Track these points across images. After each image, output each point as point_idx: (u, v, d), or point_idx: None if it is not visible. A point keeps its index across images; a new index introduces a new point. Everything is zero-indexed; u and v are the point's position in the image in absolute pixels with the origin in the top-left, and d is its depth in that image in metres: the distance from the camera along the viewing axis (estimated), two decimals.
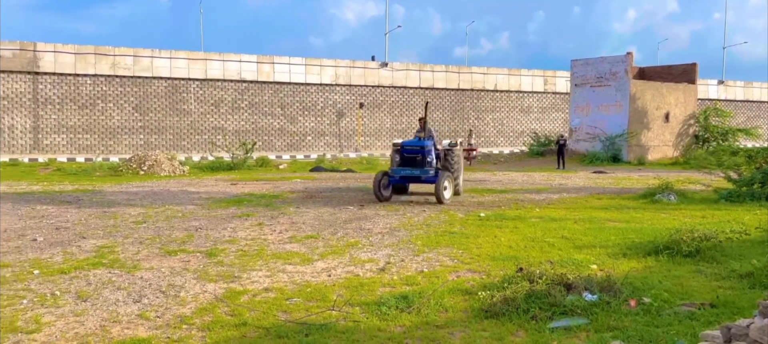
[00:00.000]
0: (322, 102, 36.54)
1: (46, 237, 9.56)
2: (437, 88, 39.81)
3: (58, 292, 6.22)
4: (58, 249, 8.51)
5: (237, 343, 4.74)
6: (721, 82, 47.09)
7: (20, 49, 30.01)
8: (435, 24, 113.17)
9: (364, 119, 37.73)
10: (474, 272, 7.05)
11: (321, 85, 36.41)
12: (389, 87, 38.34)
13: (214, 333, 4.98)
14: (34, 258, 7.90)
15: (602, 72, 31.94)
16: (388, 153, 36.67)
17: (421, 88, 39.23)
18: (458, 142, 15.61)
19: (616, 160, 29.58)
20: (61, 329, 5.14)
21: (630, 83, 30.83)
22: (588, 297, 5.56)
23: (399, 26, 70.58)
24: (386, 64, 38.43)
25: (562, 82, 42.23)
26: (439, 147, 14.89)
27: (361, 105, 37.53)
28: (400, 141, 14.91)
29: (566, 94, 39.84)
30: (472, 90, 40.92)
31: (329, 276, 6.94)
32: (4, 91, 29.83)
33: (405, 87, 38.82)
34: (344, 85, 37.02)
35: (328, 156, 33.36)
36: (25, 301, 5.92)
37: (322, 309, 5.55)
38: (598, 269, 7.02)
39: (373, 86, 37.78)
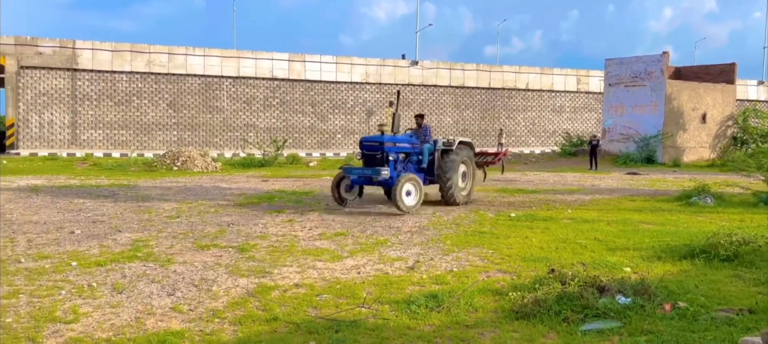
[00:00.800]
0: (352, 100, 36.67)
1: (84, 230, 9.80)
2: (468, 87, 39.59)
3: (94, 284, 6.37)
4: (94, 242, 8.72)
5: (268, 338, 4.79)
6: (761, 83, 45.77)
7: (60, 47, 30.82)
8: (466, 22, 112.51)
9: (393, 118, 37.75)
10: (504, 272, 7.00)
11: (351, 83, 36.55)
12: (419, 85, 38.27)
13: (246, 327, 5.04)
14: (72, 251, 8.11)
15: (637, 71, 31.34)
16: None
17: (452, 87, 39.06)
18: (456, 141, 13.10)
19: (650, 161, 28.99)
20: (98, 320, 5.27)
21: (666, 83, 30.19)
22: (621, 300, 5.46)
23: (430, 24, 70.31)
24: (416, 63, 38.37)
25: (595, 81, 41.58)
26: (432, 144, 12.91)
27: (391, 103, 37.53)
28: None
29: (599, 93, 39.21)
30: (503, 89, 40.58)
31: (358, 273, 6.96)
32: (44, 87, 30.66)
33: (435, 85, 38.70)
34: (374, 84, 37.09)
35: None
36: (63, 292, 6.08)
37: (351, 306, 5.58)
38: (631, 272, 6.90)
39: (402, 84, 37.75)
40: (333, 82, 36.10)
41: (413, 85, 38.06)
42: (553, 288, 5.65)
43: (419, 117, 13.91)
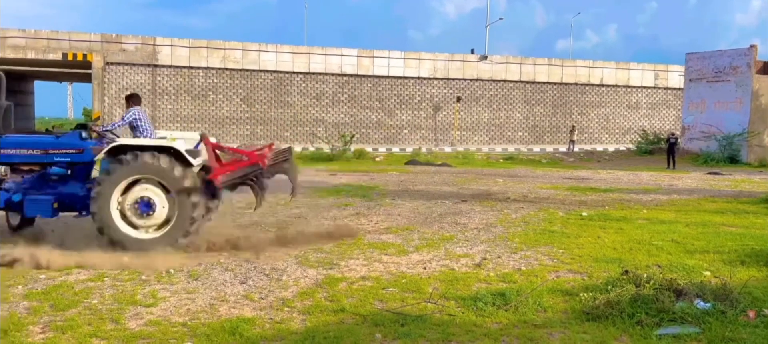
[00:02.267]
0: (419, 95, 36.63)
1: None
2: (539, 82, 38.71)
3: (172, 270, 6.67)
4: None
5: (335, 328, 4.86)
6: None
7: (142, 44, 32.39)
8: (538, 16, 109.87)
9: (461, 113, 37.42)
10: (575, 273, 6.81)
11: (418, 78, 36.51)
12: (488, 80, 37.76)
13: (314, 317, 5.15)
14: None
15: (721, 66, 29.69)
16: (485, 148, 36.25)
17: (522, 82, 38.32)
18: (199, 141, 8.30)
19: (733, 161, 27.44)
20: (175, 304, 5.51)
21: (753, 78, 28.45)
22: (700, 304, 5.21)
23: (500, 19, 69.12)
24: (485, 57, 37.86)
25: (674, 76, 39.73)
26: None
27: (459, 98, 37.26)
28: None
29: (679, 89, 37.44)
30: (576, 84, 39.43)
31: (424, 268, 6.96)
32: (127, 83, 32.33)
33: (504, 81, 38.07)
34: (442, 79, 36.90)
35: (424, 149, 33.41)
36: (143, 277, 6.40)
37: (417, 301, 5.58)
38: (712, 276, 6.56)
39: (471, 80, 37.37)
40: (400, 78, 36.18)
41: (482, 80, 37.60)
42: (627, 290, 5.45)
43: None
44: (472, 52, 38.13)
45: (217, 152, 8.24)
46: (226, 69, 33.47)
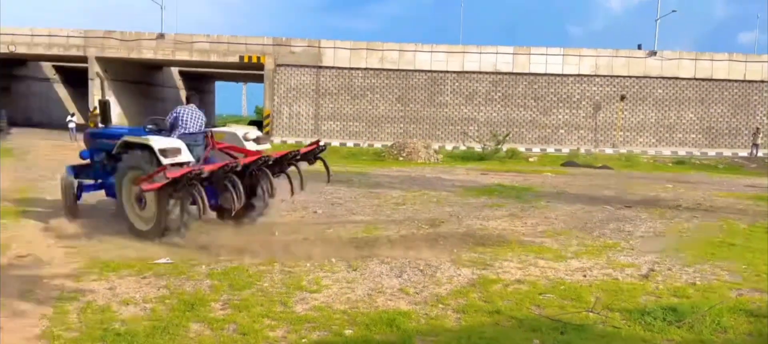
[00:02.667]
0: (578, 93, 34.95)
1: (325, 210, 10.88)
2: (716, 80, 35.07)
3: (333, 260, 7.03)
4: (333, 221, 9.62)
5: (491, 330, 4.81)
6: None
7: (308, 46, 34.53)
8: (716, 7, 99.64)
9: (625, 113, 35.07)
10: (761, 292, 6.08)
11: (578, 75, 34.82)
12: (657, 78, 34.96)
13: (469, 316, 5.13)
14: (314, 226, 9.06)
15: None
16: (652, 151, 33.60)
17: (696, 79, 34.97)
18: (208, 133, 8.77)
19: None
20: (336, 292, 5.80)
21: None
22: None
23: (673, 11, 63.32)
24: (655, 53, 35.09)
25: None
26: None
27: (623, 97, 34.93)
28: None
29: None
30: (762, 82, 35.13)
31: (584, 276, 6.63)
32: (294, 83, 34.65)
33: (675, 78, 35.00)
34: (604, 76, 34.84)
35: (582, 151, 31.83)
36: (308, 265, 6.82)
37: (577, 310, 5.33)
38: None
39: (637, 77, 34.86)
40: (558, 75, 34.77)
41: (650, 78, 34.91)
42: None
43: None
44: (639, 47, 35.51)
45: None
46: (384, 69, 34.53)
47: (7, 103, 38.99)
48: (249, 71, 42.92)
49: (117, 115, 37.84)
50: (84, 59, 35.50)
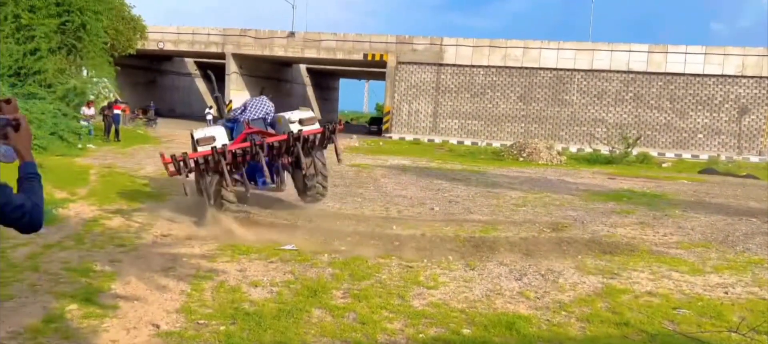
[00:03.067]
0: (720, 95, 32.11)
1: (441, 208, 10.86)
2: None
3: (451, 258, 6.99)
4: (450, 219, 9.57)
5: (618, 342, 4.54)
6: None
7: (430, 44, 34.65)
8: None
9: None
10: None
11: (721, 76, 31.98)
12: None
13: (594, 326, 4.87)
14: (430, 223, 9.07)
15: None
16: None
17: None
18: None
19: None
20: (453, 290, 5.76)
21: None
22: None
23: None
24: None
25: None
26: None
27: None
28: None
29: None
30: None
31: (726, 293, 6.06)
32: (414, 81, 34.94)
33: None
34: (752, 77, 31.72)
35: (723, 157, 29.22)
36: (425, 260, 6.84)
37: (718, 329, 4.89)
38: None
39: None
40: (699, 75, 32.15)
41: None
42: None
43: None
44: None
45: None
46: (506, 67, 33.84)
47: (154, 96, 42.86)
48: (372, 69, 43.88)
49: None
50: (222, 56, 38.12)
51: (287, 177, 9.71)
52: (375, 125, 40.34)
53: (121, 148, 19.99)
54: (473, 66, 34.15)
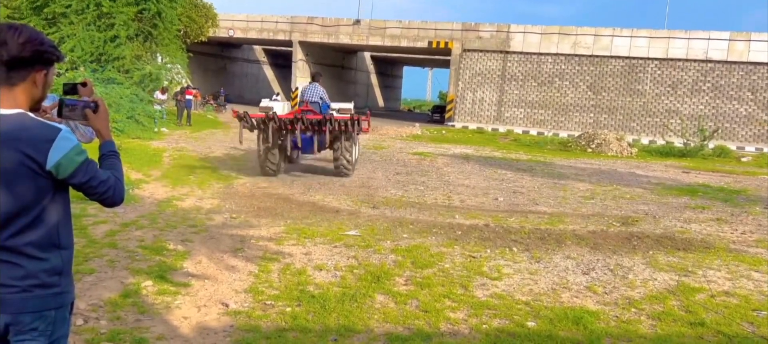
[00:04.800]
0: None
1: (506, 198, 10.69)
2: None
3: (515, 249, 6.88)
4: (514, 210, 9.41)
5: (692, 343, 4.34)
6: None
7: (496, 31, 34.04)
8: None
9: None
10: None
11: None
12: None
13: (666, 324, 4.68)
14: (493, 214, 8.94)
15: None
16: None
17: None
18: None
19: None
20: (518, 282, 5.66)
21: None
22: None
23: None
24: None
25: None
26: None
27: None
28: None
29: None
30: None
31: None
32: (479, 68, 34.45)
33: None
34: None
35: None
36: (488, 251, 6.75)
37: None
38: None
39: None
40: None
41: None
42: None
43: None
44: None
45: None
46: (575, 55, 32.84)
47: (224, 82, 44.14)
48: (436, 56, 43.59)
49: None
50: (289, 43, 38.82)
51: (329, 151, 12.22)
52: (437, 113, 40.10)
53: (192, 132, 20.73)
54: (541, 53, 33.32)
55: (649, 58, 31.86)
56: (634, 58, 32.03)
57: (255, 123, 11.13)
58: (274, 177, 11.48)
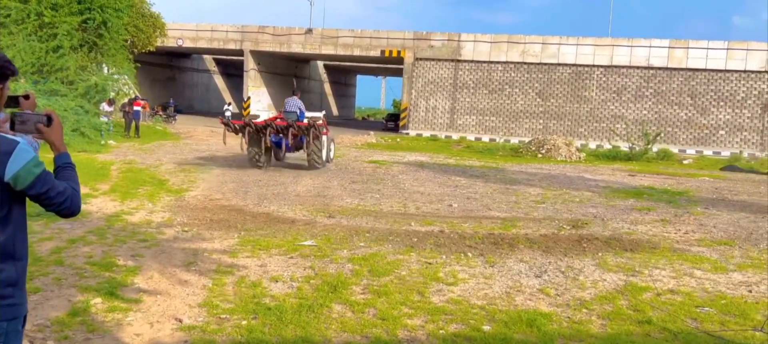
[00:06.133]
0: (743, 91, 31.62)
1: (460, 204, 10.83)
2: None
3: (470, 254, 6.97)
4: (469, 216, 9.54)
5: (640, 340, 4.50)
6: None
7: (447, 40, 34.52)
8: None
9: None
10: None
11: (744, 72, 31.50)
12: None
13: (616, 323, 4.84)
14: (448, 220, 9.05)
15: None
16: None
17: None
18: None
19: None
20: (473, 287, 5.75)
21: None
22: None
23: None
24: None
25: None
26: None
27: None
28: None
29: None
30: None
31: (749, 291, 5.98)
32: (431, 77, 34.85)
33: None
34: None
35: (746, 154, 28.78)
36: (443, 257, 6.83)
37: (742, 327, 4.83)
38: None
39: None
40: (720, 71, 31.70)
41: None
42: None
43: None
44: None
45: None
46: (524, 63, 33.62)
47: (174, 92, 43.26)
48: (389, 65, 43.86)
49: (266, 105, 40.50)
50: (240, 53, 38.37)
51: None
52: (392, 122, 40.32)
53: (141, 144, 20.22)
54: (491, 62, 33.97)
55: (594, 66, 32.90)
56: (580, 65, 33.01)
57: (237, 128, 14.38)
58: (263, 170, 14.23)
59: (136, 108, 22.91)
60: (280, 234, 7.71)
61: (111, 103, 21.30)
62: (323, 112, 18.04)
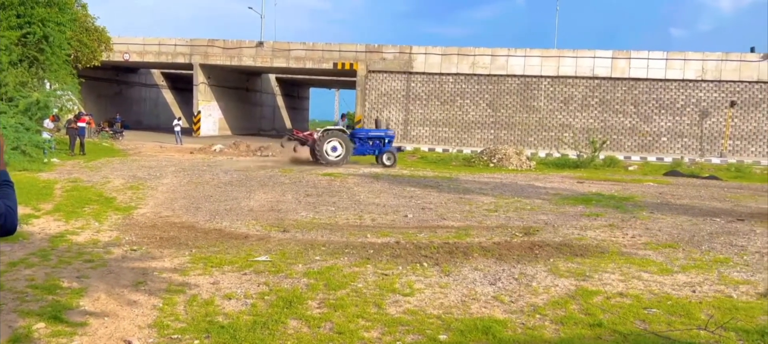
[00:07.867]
0: (682, 99, 32.99)
1: (415, 215, 10.88)
2: None
3: (425, 264, 7.01)
4: (424, 226, 9.60)
5: (592, 343, 4.60)
6: None
7: (399, 53, 34.80)
8: None
9: (735, 120, 32.71)
10: None
11: (683, 80, 32.87)
12: None
13: (568, 328, 4.94)
14: (404, 231, 9.08)
15: None
16: (765, 161, 31.15)
17: None
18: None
19: None
20: (429, 297, 5.77)
21: None
22: None
23: None
24: None
25: None
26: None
27: (732, 103, 32.61)
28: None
29: None
30: None
31: (693, 291, 6.21)
32: (385, 89, 35.03)
33: None
34: (712, 81, 32.68)
35: (686, 160, 29.99)
36: (399, 268, 6.84)
37: (687, 327, 5.00)
38: None
39: (749, 82, 32.44)
40: (661, 80, 32.99)
41: (763, 83, 32.39)
42: None
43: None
44: (752, 50, 33.04)
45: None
46: (474, 75, 34.19)
47: (121, 108, 42.09)
48: (342, 78, 43.85)
49: (217, 119, 39.84)
50: (189, 66, 37.68)
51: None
52: None
53: (86, 162, 19.57)
54: (442, 74, 34.41)
55: (542, 76, 33.73)
56: (528, 76, 33.79)
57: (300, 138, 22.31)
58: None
59: (80, 124, 22.17)
60: (233, 250, 7.58)
61: (54, 119, 20.55)
62: (345, 122, 25.03)
